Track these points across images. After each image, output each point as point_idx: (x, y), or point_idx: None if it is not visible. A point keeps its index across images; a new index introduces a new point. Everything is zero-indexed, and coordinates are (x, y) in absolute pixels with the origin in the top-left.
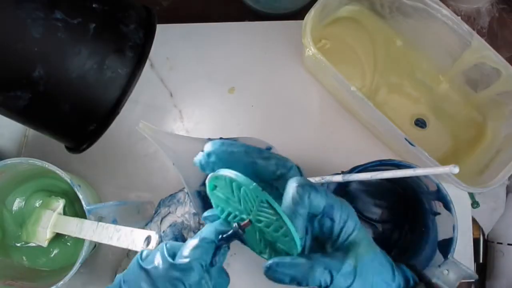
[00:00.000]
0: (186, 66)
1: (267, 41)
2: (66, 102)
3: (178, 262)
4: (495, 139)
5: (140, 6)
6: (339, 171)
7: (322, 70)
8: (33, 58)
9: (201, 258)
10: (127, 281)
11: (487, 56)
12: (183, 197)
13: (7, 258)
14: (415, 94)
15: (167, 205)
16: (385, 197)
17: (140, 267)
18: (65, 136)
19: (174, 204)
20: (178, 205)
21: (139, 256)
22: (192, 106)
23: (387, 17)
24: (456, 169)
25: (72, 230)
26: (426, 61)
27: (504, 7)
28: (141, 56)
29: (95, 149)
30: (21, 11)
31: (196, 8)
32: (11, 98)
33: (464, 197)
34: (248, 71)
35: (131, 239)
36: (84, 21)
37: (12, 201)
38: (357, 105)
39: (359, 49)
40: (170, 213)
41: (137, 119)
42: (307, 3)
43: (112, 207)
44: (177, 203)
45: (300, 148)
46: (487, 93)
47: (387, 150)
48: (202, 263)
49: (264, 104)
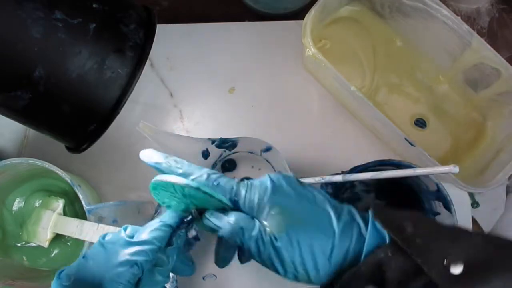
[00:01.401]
0: (186, 66)
1: (267, 41)
2: (66, 102)
3: (134, 240)
4: (495, 139)
5: (140, 6)
6: (339, 171)
7: (322, 70)
8: (33, 58)
9: (157, 239)
10: (87, 256)
11: (487, 56)
12: None
13: (7, 258)
14: (415, 94)
15: None
16: (385, 197)
17: (100, 243)
18: (65, 136)
19: None
20: None
21: (102, 236)
22: (192, 106)
23: (387, 17)
24: (456, 169)
25: (72, 231)
26: (426, 61)
27: (504, 7)
28: (141, 56)
29: (95, 149)
30: (21, 11)
31: (196, 8)
32: (11, 98)
33: (464, 197)
34: (248, 71)
35: None
36: (84, 21)
37: (12, 201)
38: (357, 105)
39: (359, 49)
40: None
41: (137, 119)
42: (307, 3)
43: (112, 207)
44: None
45: (300, 148)
46: (487, 93)
47: (387, 150)
48: (157, 244)
49: (264, 104)
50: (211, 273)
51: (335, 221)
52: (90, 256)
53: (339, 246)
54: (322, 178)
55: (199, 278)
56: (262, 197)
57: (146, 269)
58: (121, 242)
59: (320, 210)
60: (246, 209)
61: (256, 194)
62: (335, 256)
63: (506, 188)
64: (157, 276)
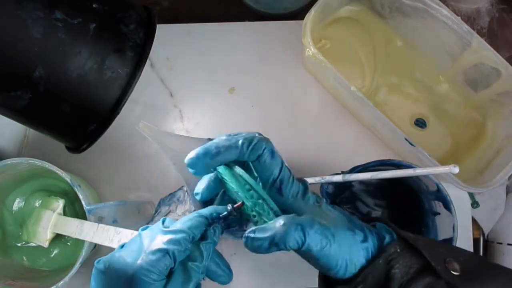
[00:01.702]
0: (186, 66)
1: (267, 41)
2: (66, 102)
3: (169, 229)
4: (495, 139)
5: (140, 6)
6: (339, 171)
7: (322, 70)
8: (33, 58)
9: (190, 228)
10: (124, 245)
11: (487, 56)
12: (182, 195)
13: (7, 258)
14: (415, 94)
15: (167, 204)
16: (385, 197)
17: (138, 234)
18: (65, 136)
19: (174, 202)
20: (178, 203)
21: (142, 228)
22: (192, 106)
23: (387, 17)
24: (456, 169)
25: (72, 231)
26: (426, 61)
27: (504, 7)
28: (141, 56)
29: (95, 149)
30: (21, 11)
31: (196, 8)
32: (11, 98)
33: (464, 197)
34: (248, 71)
35: None
36: (84, 21)
37: (12, 201)
38: (357, 105)
39: (359, 49)
40: (171, 211)
41: (137, 119)
42: (307, 3)
43: (112, 207)
44: (177, 201)
45: (300, 148)
46: (487, 93)
47: (387, 150)
48: (189, 233)
49: (264, 104)
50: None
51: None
52: (127, 244)
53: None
54: (322, 178)
55: None
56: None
57: (178, 260)
58: (156, 232)
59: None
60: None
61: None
62: (367, 248)
63: (506, 188)
64: (190, 271)
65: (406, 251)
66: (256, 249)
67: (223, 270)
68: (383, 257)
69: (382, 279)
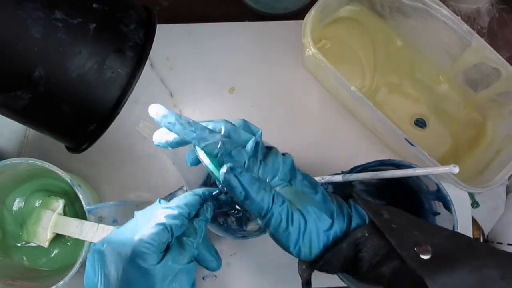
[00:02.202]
0: (186, 66)
1: (267, 41)
2: (66, 102)
3: (167, 205)
4: (495, 139)
5: (140, 6)
6: (339, 171)
7: (322, 70)
8: (33, 58)
9: (187, 204)
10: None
11: (487, 56)
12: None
13: (7, 258)
14: (415, 94)
15: None
16: (385, 197)
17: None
18: (65, 136)
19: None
20: None
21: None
22: (192, 106)
23: (387, 17)
24: (456, 169)
25: (72, 231)
26: (426, 61)
27: (504, 7)
28: (141, 56)
29: (95, 149)
30: (21, 11)
31: (196, 8)
32: (11, 98)
33: (464, 197)
34: (248, 71)
35: None
36: (84, 21)
37: (12, 201)
38: (357, 105)
39: (359, 49)
40: None
41: (137, 119)
42: (307, 3)
43: (112, 207)
44: None
45: (300, 148)
46: (487, 93)
47: (387, 150)
48: (186, 209)
49: (264, 104)
50: (211, 273)
51: (333, 203)
52: (123, 226)
53: (335, 225)
54: (322, 178)
55: (199, 278)
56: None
57: (175, 235)
58: (153, 209)
59: (320, 189)
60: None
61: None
62: (329, 235)
63: (506, 188)
64: (185, 245)
65: (374, 235)
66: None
67: (212, 255)
68: (347, 241)
69: (350, 261)
